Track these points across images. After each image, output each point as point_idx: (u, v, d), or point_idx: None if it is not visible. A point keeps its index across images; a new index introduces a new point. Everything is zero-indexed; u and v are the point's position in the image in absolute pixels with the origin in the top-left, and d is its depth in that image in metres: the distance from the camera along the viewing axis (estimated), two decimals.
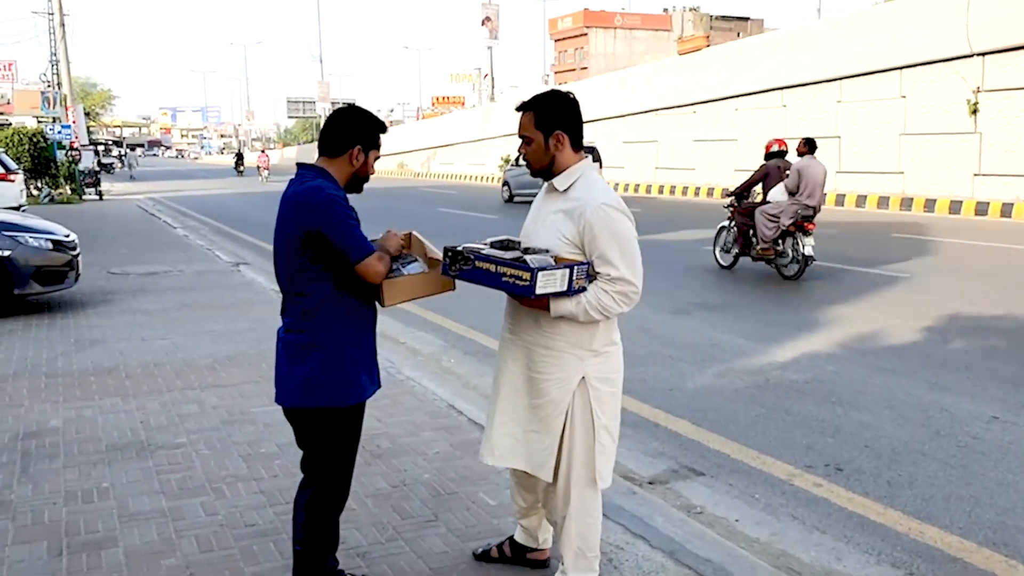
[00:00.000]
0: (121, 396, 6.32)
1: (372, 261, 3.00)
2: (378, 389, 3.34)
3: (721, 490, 4.75)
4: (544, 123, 3.23)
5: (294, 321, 3.12)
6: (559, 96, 3.30)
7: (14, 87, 57.69)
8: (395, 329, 8.69)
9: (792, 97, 27.04)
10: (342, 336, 3.10)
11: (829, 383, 6.70)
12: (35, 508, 4.35)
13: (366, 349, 3.21)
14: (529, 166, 3.35)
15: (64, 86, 37.25)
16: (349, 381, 3.13)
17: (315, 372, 3.07)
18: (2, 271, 9.12)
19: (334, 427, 3.16)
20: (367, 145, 3.15)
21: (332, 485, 3.23)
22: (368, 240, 3.04)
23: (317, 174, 3.11)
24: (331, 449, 3.19)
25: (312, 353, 3.08)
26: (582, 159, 3.32)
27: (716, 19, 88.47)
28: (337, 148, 3.14)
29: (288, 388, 3.13)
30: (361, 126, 3.15)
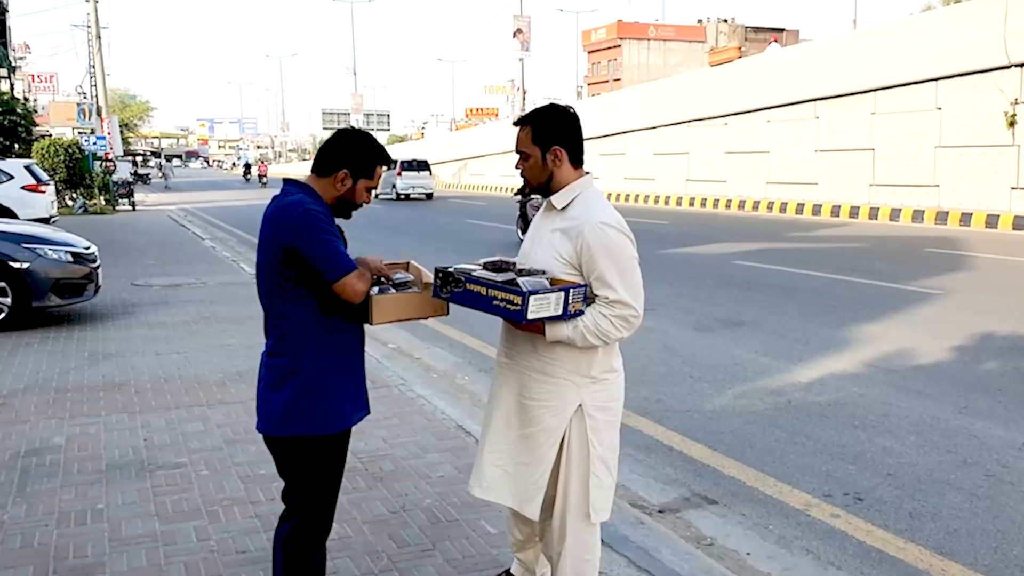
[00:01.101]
0: (128, 413, 6.24)
1: (351, 279, 2.84)
2: (366, 415, 3.20)
3: (734, 520, 4.56)
4: (541, 138, 3.09)
5: (275, 343, 2.99)
6: (558, 110, 3.15)
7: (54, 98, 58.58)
8: (411, 344, 8.57)
9: (825, 109, 26.67)
10: (324, 361, 2.96)
11: (853, 405, 6.47)
12: (26, 530, 4.25)
13: (351, 375, 3.07)
14: (527, 183, 3.21)
15: (100, 98, 37.64)
16: (331, 408, 2.99)
17: (295, 399, 2.94)
18: (21, 283, 9.12)
19: (315, 456, 3.01)
20: (356, 172, 3.00)
21: (314, 517, 3.08)
22: (348, 258, 2.89)
23: (300, 190, 2.99)
24: (312, 479, 3.05)
25: (292, 379, 2.94)
26: (582, 176, 3.16)
27: (751, 30, 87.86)
28: (325, 168, 3.01)
29: (267, 415, 3.00)
30: (354, 152, 3.00)
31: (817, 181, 26.84)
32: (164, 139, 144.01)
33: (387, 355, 7.99)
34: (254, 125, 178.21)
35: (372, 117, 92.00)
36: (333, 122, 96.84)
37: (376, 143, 3.06)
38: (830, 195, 26.12)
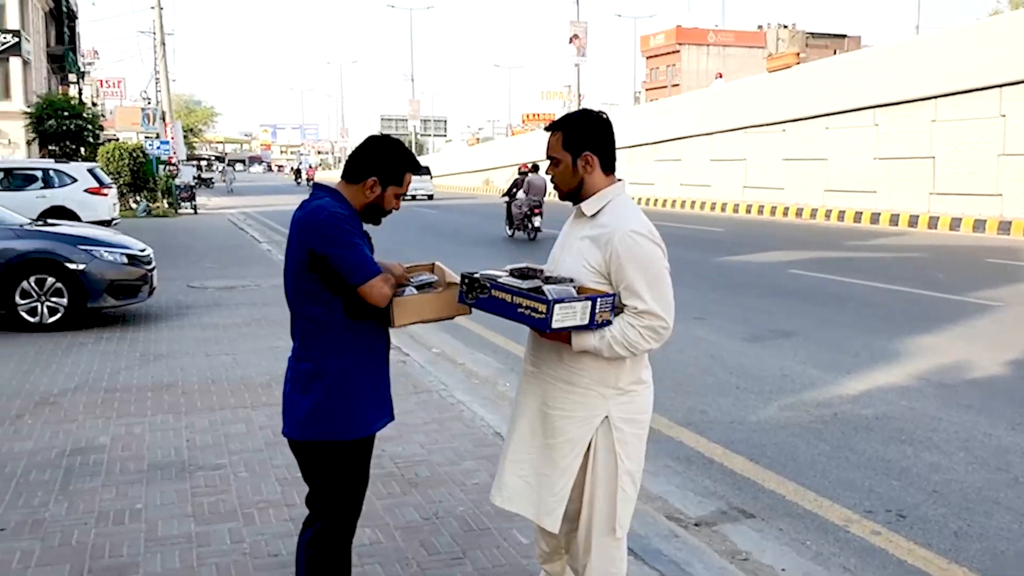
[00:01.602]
0: (173, 413, 6.34)
1: (376, 283, 2.84)
2: (390, 421, 3.20)
3: (771, 535, 4.47)
4: (572, 143, 3.05)
5: (300, 346, 3.02)
6: (590, 116, 3.12)
7: (121, 103, 59.98)
8: (454, 349, 8.58)
9: (884, 116, 26.17)
10: (348, 366, 2.97)
11: (900, 419, 6.32)
12: (66, 528, 4.33)
13: (375, 380, 3.07)
14: (557, 189, 3.18)
15: (164, 103, 38.45)
16: (355, 414, 3.00)
17: (319, 403, 2.95)
18: (76, 284, 9.34)
19: (338, 461, 3.02)
20: (385, 179, 3.01)
21: (337, 522, 3.08)
22: (373, 262, 2.90)
23: (328, 195, 3.00)
24: (336, 484, 3.05)
25: (316, 383, 2.95)
26: (614, 183, 3.12)
27: (812, 36, 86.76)
28: (355, 175, 3.02)
29: (292, 419, 3.02)
30: (383, 160, 3.02)
31: (875, 189, 26.35)
32: (228, 144, 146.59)
33: (430, 359, 8.01)
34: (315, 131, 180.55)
35: (429, 123, 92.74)
36: (391, 128, 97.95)
37: (405, 150, 3.06)
38: (889, 204, 25.62)
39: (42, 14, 50.01)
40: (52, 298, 9.33)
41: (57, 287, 9.33)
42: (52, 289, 9.32)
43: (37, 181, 19.81)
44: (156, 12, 37.33)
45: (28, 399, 6.69)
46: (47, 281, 9.30)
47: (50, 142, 33.31)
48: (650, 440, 5.82)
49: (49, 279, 9.30)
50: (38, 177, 19.93)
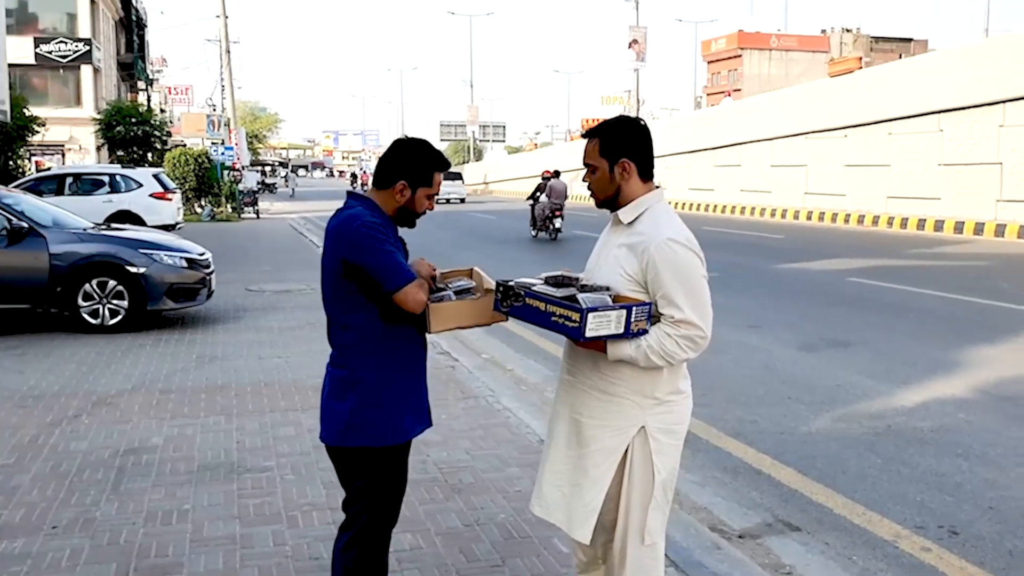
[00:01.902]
0: (225, 415, 6.44)
1: (411, 289, 2.87)
2: (427, 428, 3.21)
3: (816, 549, 4.38)
4: (609, 150, 3.03)
5: (337, 354, 3.06)
6: (627, 122, 3.10)
7: (189, 110, 61.32)
8: (504, 355, 8.59)
9: (950, 121, 25.57)
10: (384, 373, 3.00)
11: (957, 432, 6.16)
12: (115, 527, 4.43)
13: (411, 387, 3.09)
14: (594, 196, 3.15)
15: (228, 109, 39.20)
16: (390, 421, 3.02)
17: (355, 410, 2.98)
18: (137, 287, 9.55)
19: (374, 467, 3.04)
20: (414, 181, 3.02)
21: (372, 528, 3.09)
22: (407, 268, 2.92)
23: (360, 203, 3.03)
24: (371, 490, 3.07)
25: (353, 390, 2.99)
26: (651, 190, 3.09)
27: (877, 40, 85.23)
28: (384, 181, 3.05)
29: (329, 425, 3.05)
30: (410, 162, 3.03)
31: (940, 196, 25.76)
32: (291, 150, 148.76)
33: (479, 365, 8.03)
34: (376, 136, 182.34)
35: (488, 128, 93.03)
36: (451, 133, 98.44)
37: (432, 150, 3.07)
38: (953, 211, 25.02)
39: (112, 23, 51.33)
40: (113, 300, 9.56)
41: (118, 290, 9.55)
42: (113, 292, 9.55)
43: (104, 186, 20.32)
44: (222, 21, 38.10)
45: (86, 399, 6.86)
46: (108, 284, 9.53)
47: (118, 148, 34.15)
48: (698, 450, 5.83)
49: (111, 282, 9.53)
50: (105, 182, 20.44)
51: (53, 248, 9.46)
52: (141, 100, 54.34)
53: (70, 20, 43.20)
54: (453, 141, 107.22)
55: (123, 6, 53.18)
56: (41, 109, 30.96)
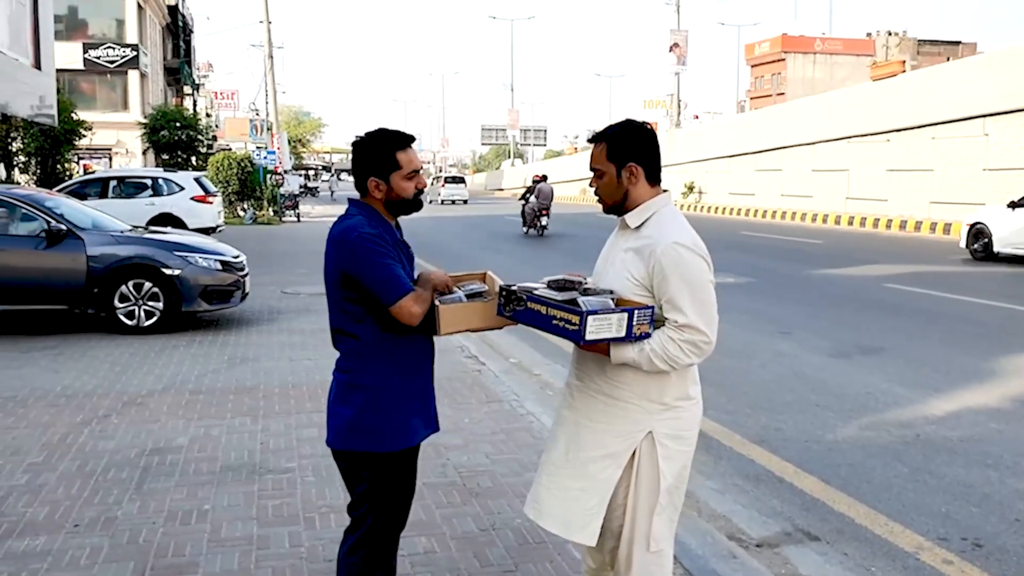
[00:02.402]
0: (251, 416, 6.51)
1: (406, 303, 2.89)
2: (434, 432, 3.22)
3: (834, 559, 4.33)
4: (617, 154, 3.01)
5: (342, 359, 3.07)
6: (634, 127, 3.08)
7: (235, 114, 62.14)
8: (532, 360, 8.58)
9: (995, 125, 25.13)
10: (387, 378, 3.01)
11: (987, 442, 6.05)
12: (135, 527, 4.49)
13: (415, 392, 3.09)
14: (601, 201, 3.14)
15: (270, 114, 39.65)
16: (395, 425, 3.03)
17: (358, 415, 2.99)
18: (172, 289, 9.69)
19: (377, 472, 3.05)
20: (382, 172, 3.00)
21: (377, 533, 3.10)
22: (405, 280, 2.92)
23: (360, 211, 3.04)
24: (375, 495, 3.08)
25: (356, 394, 3.00)
26: (658, 194, 3.08)
27: (923, 43, 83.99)
28: (361, 188, 3.06)
29: (333, 428, 3.07)
30: (367, 157, 3.01)
31: (984, 201, 25.21)
32: (335, 154, 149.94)
33: (506, 369, 8.03)
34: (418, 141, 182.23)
35: (529, 132, 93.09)
36: (492, 138, 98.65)
37: (384, 134, 3.03)
38: None
39: (159, 28, 52.19)
40: (149, 302, 9.70)
41: (154, 291, 9.69)
42: (149, 293, 9.69)
43: (147, 189, 20.60)
44: (264, 26, 38.56)
45: (117, 399, 6.97)
46: (144, 286, 9.67)
47: (163, 152, 34.70)
48: (720, 457, 5.78)
49: (146, 284, 9.68)
50: (148, 185, 20.73)
51: (91, 250, 9.63)
52: (187, 105, 55.19)
53: (118, 26, 44.01)
54: (494, 145, 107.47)
55: (170, 12, 54.07)
56: (89, 113, 31.55)
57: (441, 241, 23.30)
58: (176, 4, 54.92)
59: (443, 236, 24.99)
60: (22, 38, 18.64)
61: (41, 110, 19.93)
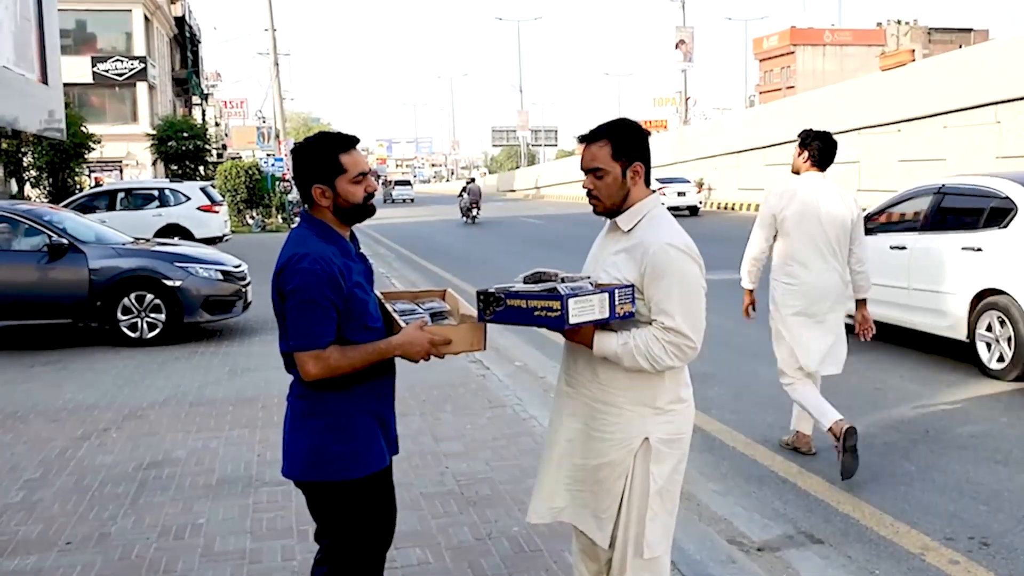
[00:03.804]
0: (250, 427, 6.46)
1: (303, 357, 2.70)
2: (393, 455, 3.05)
3: (837, 563, 4.23)
4: (623, 153, 2.91)
5: (296, 383, 2.88)
6: (635, 125, 2.99)
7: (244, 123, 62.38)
8: (537, 362, 8.50)
9: (1007, 112, 24.85)
10: (346, 403, 2.82)
11: (998, 438, 5.93)
12: (128, 542, 4.44)
13: (377, 415, 2.93)
14: (597, 202, 3.00)
15: (277, 121, 39.74)
16: (356, 452, 2.84)
17: (317, 443, 2.81)
18: (173, 300, 9.67)
19: (345, 501, 2.88)
20: (324, 177, 2.79)
21: (346, 566, 2.96)
22: (323, 332, 2.70)
23: (310, 226, 2.84)
24: (343, 525, 2.92)
25: (314, 421, 2.82)
26: (650, 195, 3.00)
27: (934, 31, 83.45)
28: (307, 199, 2.86)
29: (290, 458, 2.89)
30: (308, 163, 2.81)
31: None
32: None
33: (510, 373, 7.95)
34: (429, 144, 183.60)
35: (540, 133, 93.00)
36: (502, 139, 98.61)
37: (326, 136, 2.86)
38: None
39: (167, 40, 52.42)
40: (151, 314, 9.69)
41: (156, 303, 9.67)
42: (151, 305, 9.67)
43: (154, 200, 20.66)
44: (270, 34, 38.63)
45: (118, 412, 6.93)
46: (146, 297, 9.66)
47: (172, 162, 34.82)
48: (723, 458, 5.69)
49: (148, 295, 9.66)
50: (155, 196, 20.79)
51: (93, 263, 9.62)
52: (195, 114, 55.40)
53: (126, 39, 44.26)
54: (505, 147, 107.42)
55: (177, 23, 54.30)
56: (99, 126, 31.76)
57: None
58: (183, 15, 55.15)
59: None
60: (28, 53, 18.70)
61: (50, 124, 20.00)
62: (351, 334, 2.78)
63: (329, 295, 2.70)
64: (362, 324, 2.82)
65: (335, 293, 2.72)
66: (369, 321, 2.85)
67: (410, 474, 5.30)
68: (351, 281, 2.79)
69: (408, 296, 3.24)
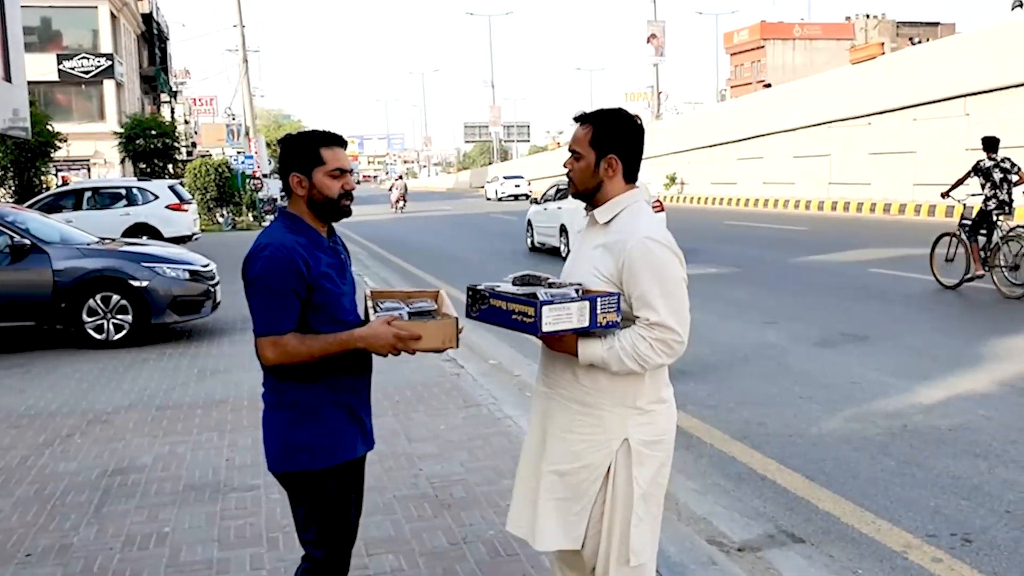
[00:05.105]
0: (219, 431, 6.30)
1: (263, 343, 2.72)
2: (368, 450, 3.01)
3: (819, 562, 4.15)
4: (601, 141, 2.83)
5: (265, 375, 2.86)
6: (624, 117, 2.89)
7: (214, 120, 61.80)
8: (512, 360, 8.39)
9: (976, 105, 25.05)
10: (312, 395, 2.80)
11: (976, 430, 5.89)
12: (90, 553, 4.28)
13: (348, 408, 2.88)
14: (571, 184, 2.95)
15: (247, 118, 39.33)
16: (328, 441, 2.82)
17: (288, 434, 2.80)
18: (140, 301, 9.46)
19: (312, 492, 2.85)
20: (304, 167, 2.79)
21: (325, 558, 2.91)
22: (283, 317, 2.70)
23: (284, 219, 2.84)
24: (317, 517, 2.87)
25: (281, 414, 2.81)
26: (631, 190, 2.90)
27: (902, 25, 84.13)
28: (285, 188, 2.86)
29: (267, 452, 2.88)
30: (291, 153, 2.83)
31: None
32: None
33: (485, 372, 7.84)
34: (401, 140, 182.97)
35: (512, 129, 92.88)
36: (475, 135, 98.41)
37: (310, 132, 2.87)
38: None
39: (134, 37, 51.76)
40: (117, 315, 9.47)
41: (122, 304, 9.46)
42: (117, 306, 9.46)
43: (122, 199, 20.30)
44: (238, 30, 38.22)
45: (82, 417, 6.75)
46: (112, 298, 9.44)
47: (140, 160, 34.36)
48: (701, 455, 5.61)
49: (114, 296, 9.45)
50: (122, 195, 20.42)
51: (56, 264, 9.39)
52: (164, 112, 54.76)
53: (93, 36, 43.61)
54: (478, 142, 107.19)
55: (144, 20, 53.62)
56: (65, 125, 31.22)
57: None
58: (151, 12, 54.48)
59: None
60: None
61: (14, 123, 19.58)
62: (320, 325, 2.77)
63: (289, 283, 2.71)
64: (331, 316, 2.80)
65: (296, 281, 2.71)
66: (339, 314, 2.84)
67: (383, 477, 5.18)
68: (317, 271, 2.77)
69: (400, 296, 3.16)
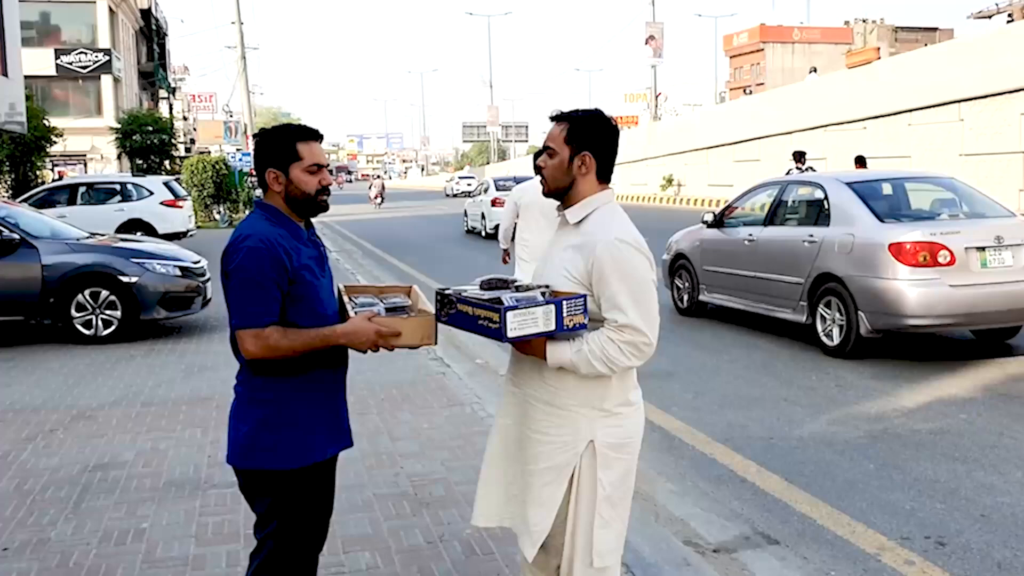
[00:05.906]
0: (202, 428, 6.31)
1: (244, 335, 2.69)
2: (346, 447, 3.02)
3: (793, 564, 4.17)
4: (575, 139, 2.85)
5: (240, 370, 2.87)
6: (600, 117, 2.92)
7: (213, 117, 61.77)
8: (499, 360, 8.39)
9: (970, 110, 25.07)
10: (290, 389, 2.80)
11: (956, 434, 5.91)
12: (67, 549, 4.29)
13: (323, 403, 2.89)
14: (544, 182, 2.96)
15: (245, 115, 39.32)
16: (294, 441, 2.81)
17: (256, 430, 2.79)
18: (130, 297, 9.46)
19: (277, 491, 2.82)
20: (280, 162, 2.80)
21: (279, 557, 2.87)
22: (264, 312, 2.69)
23: (262, 211, 2.85)
24: (279, 515, 2.85)
25: (254, 409, 2.80)
26: (604, 191, 2.91)
27: (901, 30, 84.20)
28: (262, 183, 2.86)
29: (231, 445, 2.87)
30: (266, 147, 2.83)
31: None
32: None
33: (471, 371, 7.85)
34: (399, 139, 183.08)
35: (510, 129, 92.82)
36: (473, 135, 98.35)
37: (287, 126, 2.88)
38: None
39: (133, 32, 51.71)
40: (106, 311, 9.48)
41: (111, 300, 9.47)
42: (106, 302, 9.46)
43: (116, 195, 20.29)
44: (237, 27, 38.21)
45: (66, 413, 6.76)
46: (101, 294, 9.45)
47: (137, 156, 34.34)
48: (682, 457, 5.63)
49: (103, 292, 9.45)
50: (117, 191, 20.42)
51: (45, 259, 9.39)
52: (162, 108, 54.70)
53: (91, 31, 43.57)
54: (476, 142, 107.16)
55: (143, 16, 53.59)
56: (63, 120, 31.19)
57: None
58: (149, 7, 54.46)
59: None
60: None
61: (11, 118, 19.61)
62: (300, 318, 2.77)
63: (271, 275, 2.70)
64: (311, 309, 2.81)
65: (278, 273, 2.71)
66: (319, 307, 2.84)
67: (364, 475, 5.20)
68: (298, 263, 2.78)
69: (373, 291, 3.17)
